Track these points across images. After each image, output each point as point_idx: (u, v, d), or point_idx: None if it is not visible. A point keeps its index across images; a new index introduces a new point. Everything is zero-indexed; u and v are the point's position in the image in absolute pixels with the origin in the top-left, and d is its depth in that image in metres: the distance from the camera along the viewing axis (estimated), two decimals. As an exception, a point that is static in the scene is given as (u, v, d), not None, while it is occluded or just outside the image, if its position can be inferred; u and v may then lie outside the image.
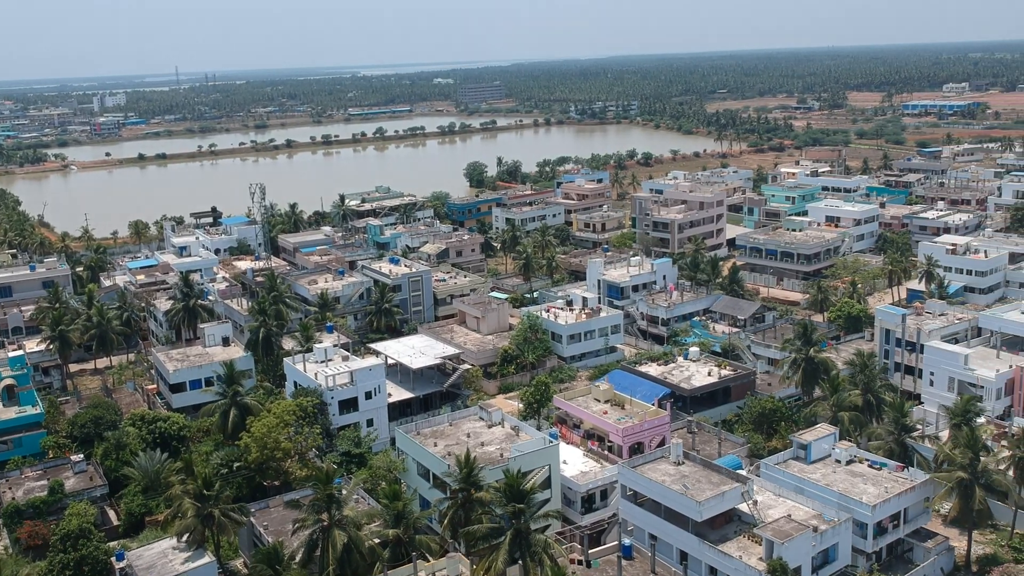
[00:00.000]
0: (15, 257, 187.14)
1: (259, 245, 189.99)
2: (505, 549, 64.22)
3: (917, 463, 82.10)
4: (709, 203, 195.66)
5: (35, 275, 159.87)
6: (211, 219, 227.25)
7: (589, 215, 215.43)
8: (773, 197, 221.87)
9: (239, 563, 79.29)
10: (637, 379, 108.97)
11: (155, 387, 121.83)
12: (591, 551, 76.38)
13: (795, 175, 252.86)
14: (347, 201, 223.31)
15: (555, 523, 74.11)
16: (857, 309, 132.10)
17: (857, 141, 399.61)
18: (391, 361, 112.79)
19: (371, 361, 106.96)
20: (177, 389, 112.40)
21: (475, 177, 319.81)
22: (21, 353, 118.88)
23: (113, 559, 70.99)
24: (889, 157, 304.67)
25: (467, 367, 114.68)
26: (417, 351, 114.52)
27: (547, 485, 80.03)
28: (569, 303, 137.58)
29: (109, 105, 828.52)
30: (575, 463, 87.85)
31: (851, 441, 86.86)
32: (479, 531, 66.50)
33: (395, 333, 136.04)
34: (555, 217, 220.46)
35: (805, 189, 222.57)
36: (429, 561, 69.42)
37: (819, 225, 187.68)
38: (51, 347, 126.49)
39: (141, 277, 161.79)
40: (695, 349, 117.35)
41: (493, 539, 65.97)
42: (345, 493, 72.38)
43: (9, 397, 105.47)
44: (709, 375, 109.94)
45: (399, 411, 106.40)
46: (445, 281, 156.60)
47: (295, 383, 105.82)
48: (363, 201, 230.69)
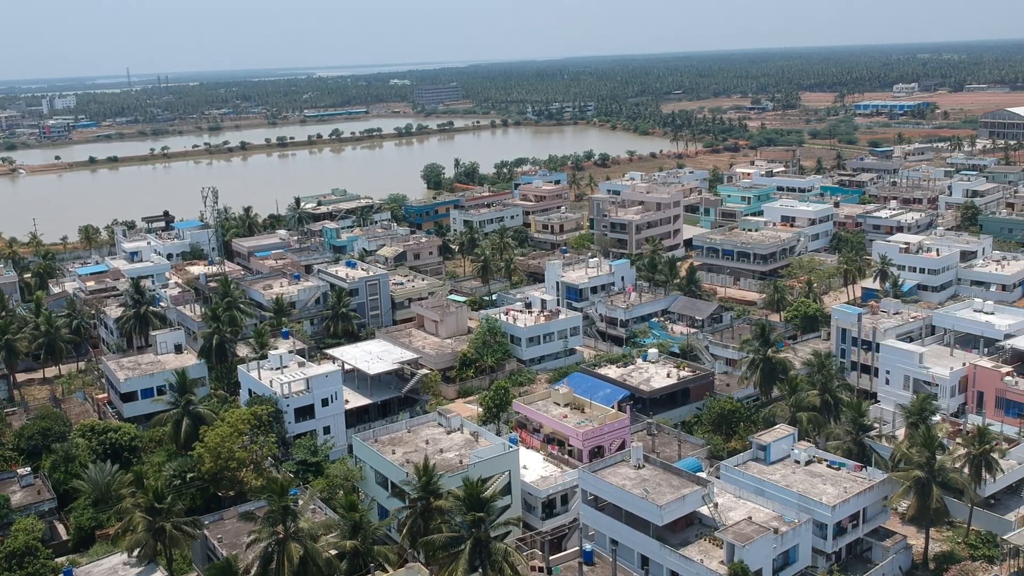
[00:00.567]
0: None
1: (212, 249, 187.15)
2: (465, 558, 63.35)
3: (875, 462, 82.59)
4: (666, 204, 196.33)
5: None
6: (163, 223, 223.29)
7: (547, 216, 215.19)
8: (729, 197, 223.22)
9: (193, 577, 77.52)
10: (597, 381, 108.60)
11: (106, 396, 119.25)
12: (552, 557, 75.70)
13: (750, 175, 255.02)
14: (303, 204, 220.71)
15: (515, 530, 73.39)
16: (813, 308, 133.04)
17: (811, 141, 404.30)
18: (348, 367, 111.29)
19: (327, 367, 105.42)
20: (128, 398, 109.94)
21: (432, 179, 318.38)
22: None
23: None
24: (842, 157, 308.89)
25: (425, 372, 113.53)
26: (375, 356, 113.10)
27: (507, 491, 79.22)
28: (528, 305, 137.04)
29: (59, 107, 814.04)
30: (535, 468, 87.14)
31: (810, 441, 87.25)
32: (438, 540, 65.51)
33: (352, 338, 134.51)
34: (513, 219, 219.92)
35: (760, 189, 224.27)
36: (388, 572, 68.32)
37: (774, 225, 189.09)
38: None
39: (91, 283, 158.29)
40: (654, 351, 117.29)
41: (453, 548, 65.01)
42: (301, 504, 71.00)
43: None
44: (668, 376, 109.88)
45: (357, 418, 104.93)
46: (403, 284, 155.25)
47: (250, 391, 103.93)
48: (319, 204, 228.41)
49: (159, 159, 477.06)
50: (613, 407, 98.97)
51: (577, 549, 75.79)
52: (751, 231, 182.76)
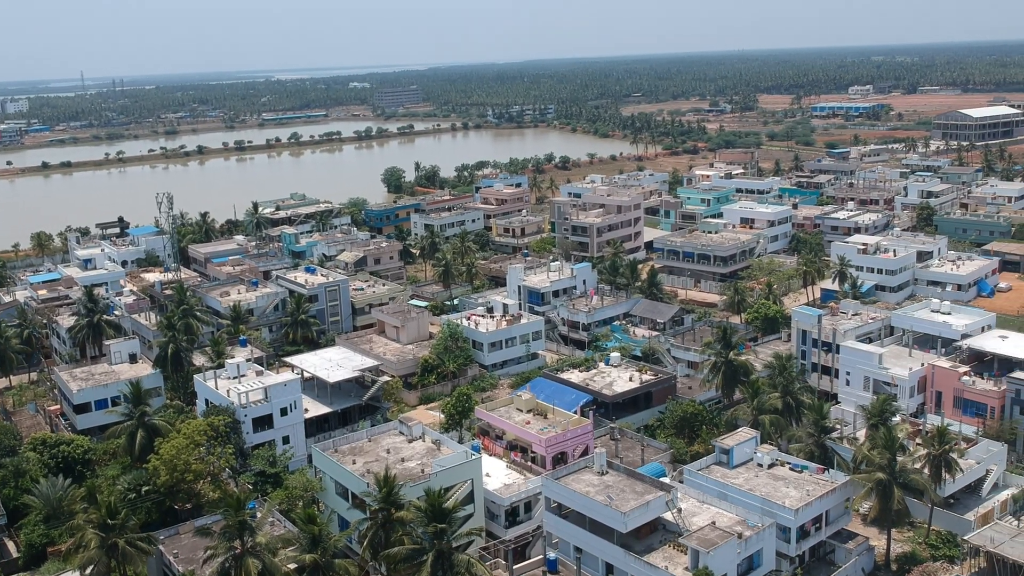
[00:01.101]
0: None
1: (168, 256, 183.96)
2: (427, 571, 62.39)
3: (837, 464, 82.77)
4: (627, 207, 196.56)
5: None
6: (118, 230, 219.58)
7: (508, 220, 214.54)
8: (689, 200, 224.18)
9: (148, 594, 75.61)
10: (559, 386, 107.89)
11: (58, 408, 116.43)
12: (516, 566, 75.04)
13: (709, 177, 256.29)
14: (261, 209, 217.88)
15: (478, 540, 72.51)
16: (773, 310, 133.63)
17: (768, 143, 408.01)
18: (307, 375, 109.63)
19: (286, 376, 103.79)
20: (81, 410, 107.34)
21: (393, 183, 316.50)
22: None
23: (10, 596, 66.93)
24: (800, 158, 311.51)
25: (386, 379, 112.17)
26: (335, 364, 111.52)
27: (470, 500, 78.30)
28: (490, 310, 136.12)
29: (11, 111, 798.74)
30: (498, 476, 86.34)
31: (772, 444, 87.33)
32: (400, 553, 64.43)
33: (312, 345, 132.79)
34: (474, 222, 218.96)
35: (719, 191, 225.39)
36: (349, 585, 67.00)
37: (734, 227, 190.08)
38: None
39: (43, 292, 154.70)
40: (616, 354, 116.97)
41: (415, 560, 64.00)
42: (259, 517, 69.62)
43: None
44: (630, 380, 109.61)
45: (316, 427, 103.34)
46: (363, 290, 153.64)
47: (207, 401, 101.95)
48: (278, 209, 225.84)
49: (114, 164, 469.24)
50: (576, 412, 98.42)
51: (541, 557, 75.20)
52: (711, 233, 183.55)
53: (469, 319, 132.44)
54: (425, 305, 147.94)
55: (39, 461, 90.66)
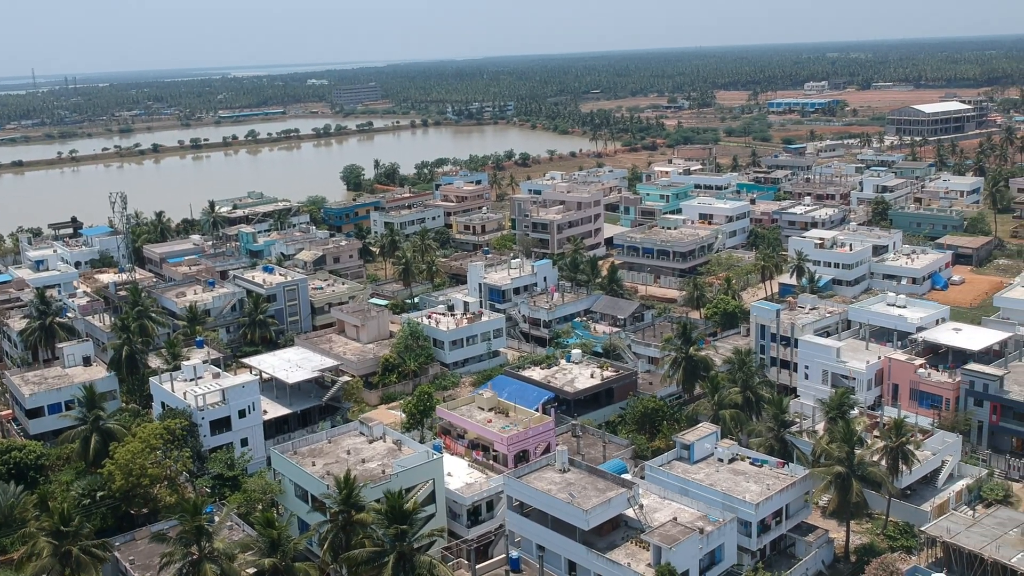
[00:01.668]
0: None
1: (123, 257, 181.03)
2: (388, 573, 61.75)
3: (796, 458, 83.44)
4: (586, 203, 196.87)
5: None
6: (71, 230, 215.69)
7: (469, 217, 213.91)
8: (648, 196, 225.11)
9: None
10: (521, 384, 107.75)
11: (10, 413, 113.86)
12: (478, 565, 74.64)
13: (668, 174, 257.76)
14: (217, 208, 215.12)
15: (440, 540, 72.00)
16: (732, 305, 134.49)
17: (726, 139, 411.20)
18: (266, 376, 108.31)
19: (244, 377, 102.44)
20: (34, 414, 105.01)
21: (352, 180, 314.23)
22: None
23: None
24: (757, 154, 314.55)
25: (346, 379, 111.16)
26: (294, 364, 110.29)
27: (431, 500, 77.80)
28: (450, 308, 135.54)
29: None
30: (460, 475, 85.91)
31: (732, 439, 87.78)
32: (361, 555, 63.67)
33: (271, 345, 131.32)
34: (435, 220, 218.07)
35: (678, 187, 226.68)
36: (309, 588, 66.18)
37: (693, 223, 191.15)
38: None
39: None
40: (577, 351, 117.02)
41: (376, 563, 63.30)
42: (217, 521, 68.52)
43: None
44: (592, 377, 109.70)
45: (276, 428, 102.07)
46: (322, 289, 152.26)
47: (163, 404, 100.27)
48: (235, 207, 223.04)
49: (67, 163, 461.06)
50: (537, 410, 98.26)
51: (504, 556, 74.89)
52: (670, 229, 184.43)
53: (430, 317, 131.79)
54: (385, 304, 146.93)
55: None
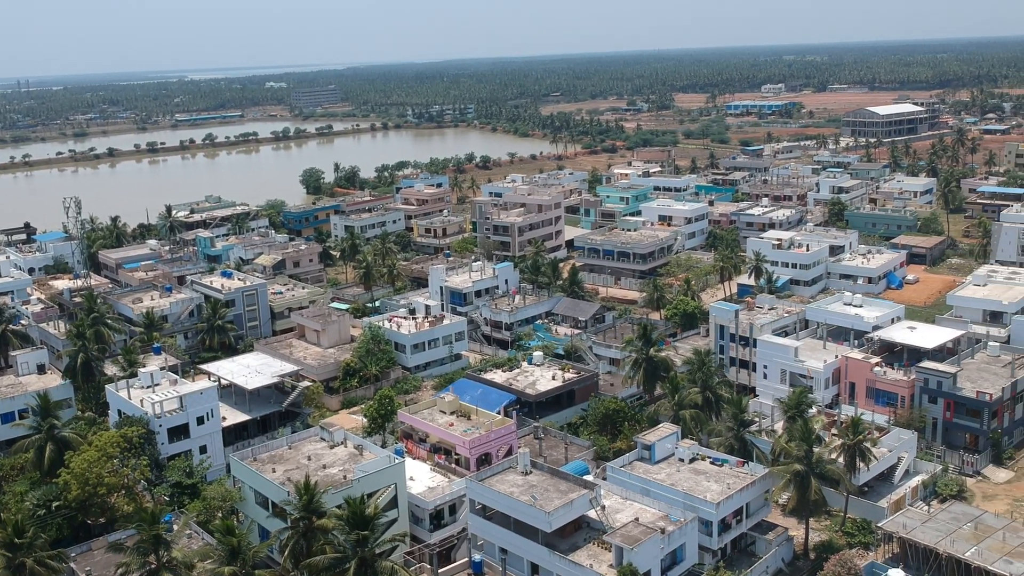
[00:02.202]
0: None
1: (78, 263, 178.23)
2: (350, 579, 61.39)
3: (756, 457, 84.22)
4: (547, 205, 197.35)
5: None
6: (24, 236, 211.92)
7: (430, 220, 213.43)
8: (608, 198, 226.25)
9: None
10: (482, 387, 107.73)
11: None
12: (441, 570, 74.49)
13: (628, 176, 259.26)
14: (174, 212, 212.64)
15: (402, 545, 71.64)
16: (692, 306, 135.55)
17: (685, 141, 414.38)
18: (225, 382, 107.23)
19: (202, 384, 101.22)
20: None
21: (312, 184, 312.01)
22: None
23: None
24: (715, 156, 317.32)
25: (307, 384, 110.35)
26: (253, 370, 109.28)
27: (393, 504, 77.46)
28: (412, 311, 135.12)
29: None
30: (422, 479, 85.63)
31: (693, 439, 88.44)
32: (322, 562, 63.24)
33: (230, 351, 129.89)
34: (395, 223, 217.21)
35: (638, 189, 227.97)
36: (270, 596, 65.67)
37: (652, 224, 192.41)
38: None
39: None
40: (539, 353, 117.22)
41: (337, 569, 62.90)
42: (176, 530, 67.74)
43: None
44: (553, 379, 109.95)
45: (235, 435, 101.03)
46: (282, 294, 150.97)
47: (119, 411, 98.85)
48: (192, 212, 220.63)
49: (20, 167, 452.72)
50: (499, 413, 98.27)
51: (467, 560, 74.77)
52: (630, 231, 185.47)
53: (391, 321, 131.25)
54: (346, 308, 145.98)
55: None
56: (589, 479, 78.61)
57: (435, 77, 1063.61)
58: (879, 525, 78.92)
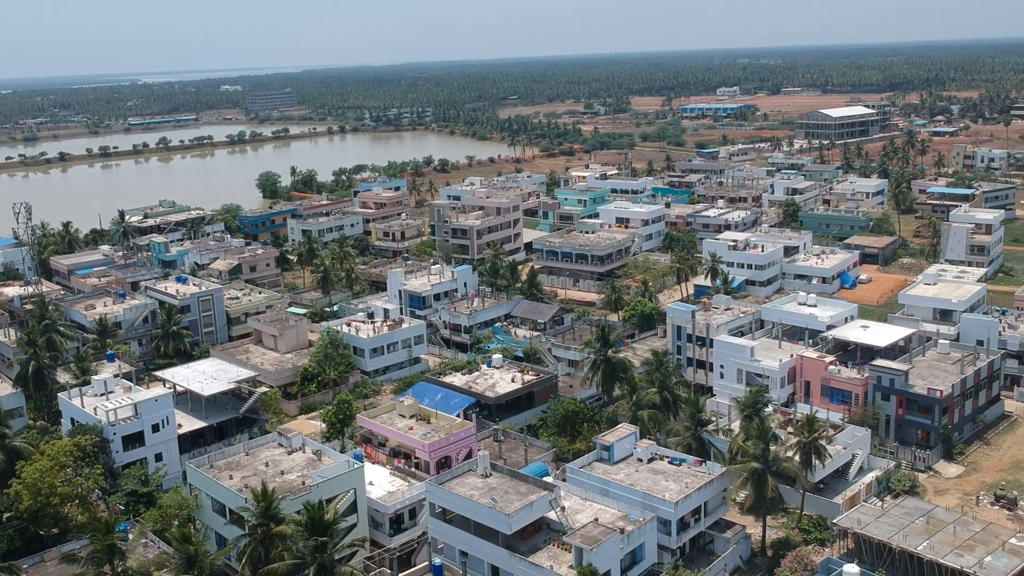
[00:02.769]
0: None
1: (28, 269, 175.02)
2: (309, 585, 60.99)
3: (714, 456, 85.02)
4: (506, 208, 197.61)
5: None
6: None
7: (388, 224, 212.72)
8: (566, 200, 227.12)
9: (11, 627, 71.59)
10: (442, 390, 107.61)
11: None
12: (401, 574, 74.22)
13: (585, 178, 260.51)
14: (128, 217, 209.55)
15: (362, 550, 71.34)
16: (649, 307, 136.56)
17: (641, 144, 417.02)
18: (181, 389, 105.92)
19: (157, 391, 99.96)
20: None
21: (268, 188, 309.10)
22: None
23: None
24: (671, 159, 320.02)
25: (264, 390, 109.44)
26: (209, 376, 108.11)
27: (353, 510, 77.07)
28: (370, 315, 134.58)
29: None
30: (382, 483, 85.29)
31: (651, 439, 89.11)
32: (280, 568, 62.72)
33: (185, 357, 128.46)
34: (353, 227, 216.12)
35: (595, 192, 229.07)
36: (228, 604, 65.00)
37: (610, 226, 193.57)
38: None
39: None
40: (498, 356, 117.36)
41: (296, 575, 62.42)
42: (131, 539, 66.81)
43: None
44: (513, 381, 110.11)
45: (191, 443, 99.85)
46: (238, 299, 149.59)
47: (72, 420, 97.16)
48: (146, 217, 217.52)
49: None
50: (459, 416, 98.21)
51: (427, 564, 74.50)
52: (588, 233, 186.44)
53: (350, 325, 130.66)
54: (304, 312, 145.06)
55: None
56: (549, 480, 78.85)
57: (392, 80, 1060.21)
58: (834, 521, 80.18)
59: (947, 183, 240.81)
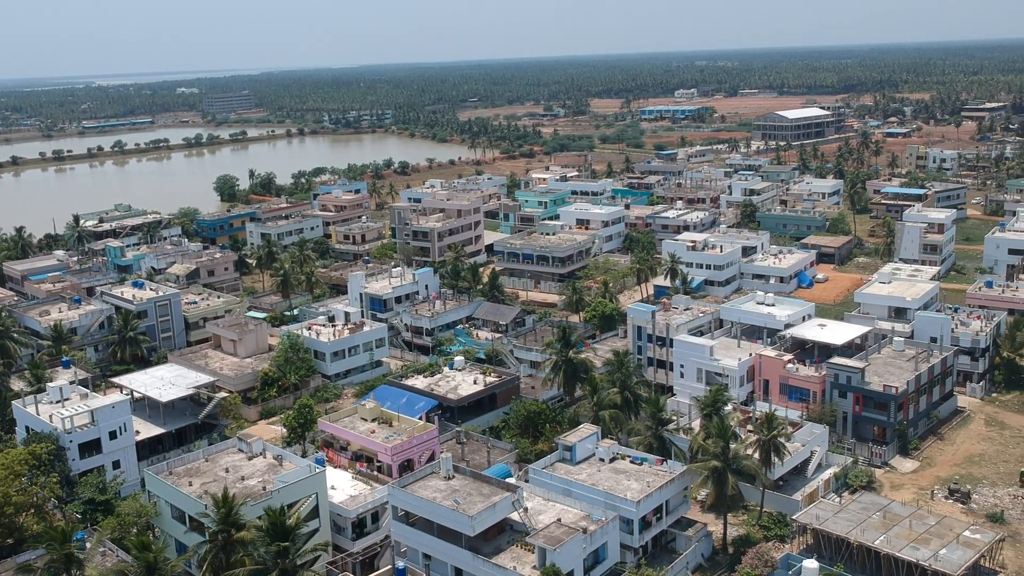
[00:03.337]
0: None
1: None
2: (271, 590, 60.59)
3: (674, 455, 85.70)
4: (466, 210, 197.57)
5: None
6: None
7: (348, 227, 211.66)
8: (527, 202, 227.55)
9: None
10: (404, 393, 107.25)
11: None
12: (364, 578, 73.93)
13: (546, 180, 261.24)
14: (83, 222, 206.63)
15: (324, 555, 71.03)
16: (610, 308, 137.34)
17: (601, 146, 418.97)
18: (138, 395, 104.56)
19: (115, 397, 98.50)
20: None
21: (226, 191, 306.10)
22: None
23: None
24: (631, 160, 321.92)
25: (224, 395, 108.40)
26: (167, 382, 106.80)
27: (315, 514, 76.67)
28: (331, 319, 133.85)
29: None
30: (344, 487, 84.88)
31: (613, 439, 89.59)
32: (241, 574, 62.23)
33: (143, 363, 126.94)
34: (313, 230, 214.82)
35: (556, 194, 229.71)
36: (189, 612, 64.34)
37: (571, 228, 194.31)
38: None
39: None
40: (460, 358, 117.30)
41: (258, 581, 62.02)
42: (89, 548, 65.89)
43: None
44: (475, 383, 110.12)
45: (150, 449, 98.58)
46: (197, 303, 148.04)
47: (27, 428, 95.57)
48: (101, 221, 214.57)
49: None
50: (421, 418, 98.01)
51: (390, 568, 74.27)
52: (549, 235, 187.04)
53: (310, 329, 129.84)
54: (264, 316, 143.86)
55: None
56: (511, 482, 78.99)
57: (351, 83, 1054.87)
58: (794, 518, 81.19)
59: (900, 183, 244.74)
